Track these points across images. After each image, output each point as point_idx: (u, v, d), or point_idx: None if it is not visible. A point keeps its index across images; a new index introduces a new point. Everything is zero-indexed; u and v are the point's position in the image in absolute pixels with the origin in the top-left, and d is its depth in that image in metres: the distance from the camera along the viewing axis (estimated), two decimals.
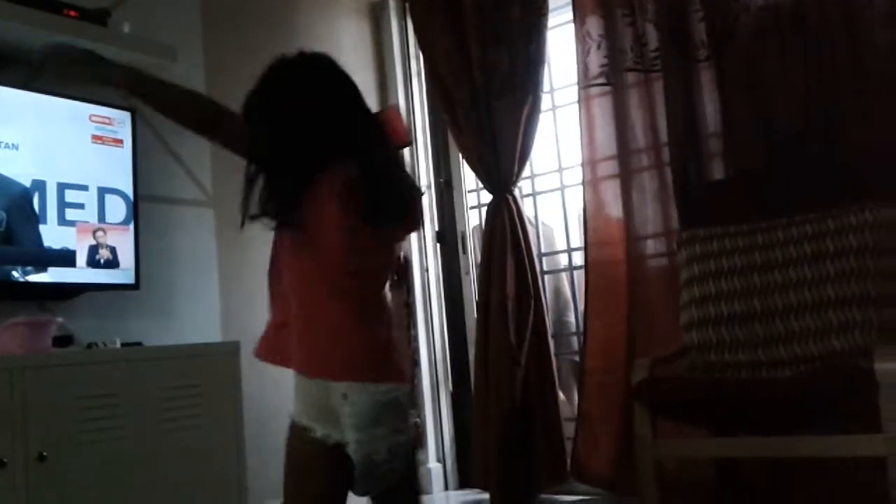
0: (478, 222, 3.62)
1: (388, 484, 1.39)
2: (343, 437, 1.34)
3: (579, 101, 3.10)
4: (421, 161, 3.71)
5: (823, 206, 2.40)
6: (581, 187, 3.12)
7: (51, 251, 2.31)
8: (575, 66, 3.12)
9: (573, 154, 3.28)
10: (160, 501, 2.14)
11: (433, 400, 3.56)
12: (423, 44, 3.51)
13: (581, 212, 3.18)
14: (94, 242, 2.41)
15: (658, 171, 2.94)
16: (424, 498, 3.35)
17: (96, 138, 2.47)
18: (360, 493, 1.40)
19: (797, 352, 2.29)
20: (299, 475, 1.37)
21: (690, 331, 2.47)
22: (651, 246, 2.93)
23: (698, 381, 2.37)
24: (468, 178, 3.64)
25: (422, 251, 3.65)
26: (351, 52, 3.64)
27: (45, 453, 1.92)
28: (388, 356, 1.39)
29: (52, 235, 2.32)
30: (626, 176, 2.96)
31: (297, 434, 1.37)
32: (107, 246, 2.44)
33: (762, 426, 2.25)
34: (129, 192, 2.52)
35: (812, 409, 2.10)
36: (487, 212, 3.30)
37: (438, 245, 3.69)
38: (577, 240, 3.42)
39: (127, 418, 2.11)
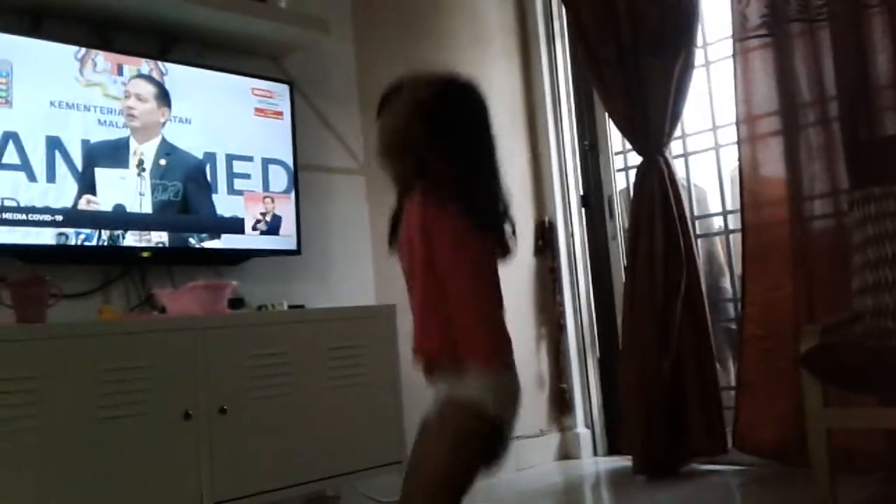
0: (624, 185, 3.54)
1: None
2: (506, 417, 1.37)
3: (734, 55, 2.95)
4: (565, 124, 3.66)
5: None
6: (736, 146, 2.99)
7: (223, 219, 2.46)
8: (730, 18, 2.97)
9: (726, 112, 3.14)
10: (326, 453, 2.25)
11: (580, 366, 3.54)
12: (566, 1, 3.43)
13: (736, 172, 3.05)
14: (260, 210, 2.54)
15: (824, 126, 2.76)
16: (575, 463, 3.38)
17: (259, 111, 2.59)
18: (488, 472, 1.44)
19: None
20: (464, 448, 1.36)
21: (864, 296, 2.32)
22: (817, 206, 2.76)
23: (875, 348, 2.23)
24: (614, 139, 3.56)
25: (566, 216, 3.61)
26: (492, 13, 3.62)
27: (225, 407, 2.06)
28: None
29: (223, 204, 2.46)
30: (790, 133, 2.80)
31: (471, 410, 1.35)
32: (272, 214, 2.56)
33: None
34: (290, 161, 2.63)
35: None
36: (636, 175, 3.21)
37: (583, 209, 3.64)
38: (732, 202, 3.28)
39: (295, 375, 2.22)
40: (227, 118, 2.51)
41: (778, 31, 2.83)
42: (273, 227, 2.57)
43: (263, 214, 2.55)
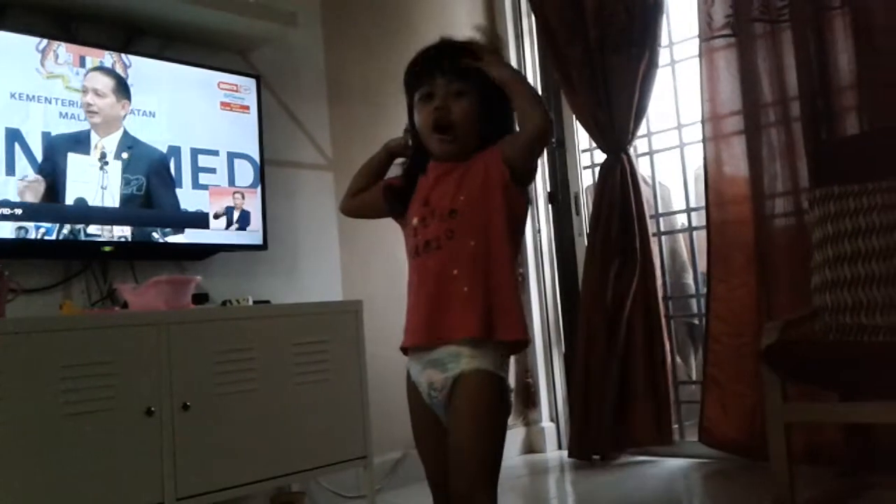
0: (591, 182, 3.57)
1: None
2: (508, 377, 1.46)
3: (700, 55, 2.99)
4: None
5: None
6: (701, 145, 3.02)
7: (187, 213, 2.43)
8: (696, 18, 3.00)
9: (691, 111, 3.17)
10: (291, 449, 2.24)
11: (546, 361, 3.56)
12: (534, 0, 3.45)
13: (700, 171, 3.09)
14: (225, 205, 2.52)
15: (786, 126, 2.81)
16: (540, 456, 3.41)
17: (225, 105, 2.56)
18: None
19: None
20: (502, 417, 1.44)
21: (823, 293, 2.37)
22: (779, 205, 2.81)
23: (834, 344, 2.28)
24: (581, 137, 3.59)
25: (534, 213, 3.63)
26: (461, 11, 3.63)
27: (188, 403, 2.04)
28: None
29: (188, 199, 2.44)
30: (752, 132, 2.84)
31: (498, 384, 1.41)
32: (237, 208, 2.54)
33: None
34: (256, 156, 2.61)
35: None
36: (600, 172, 3.25)
37: (550, 206, 3.66)
38: (695, 199, 3.33)
39: (260, 371, 2.21)
40: (193, 112, 2.48)
41: (741, 32, 2.87)
42: (240, 222, 2.55)
43: (230, 209, 2.53)
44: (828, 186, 2.47)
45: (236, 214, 2.54)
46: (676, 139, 3.33)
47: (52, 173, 2.17)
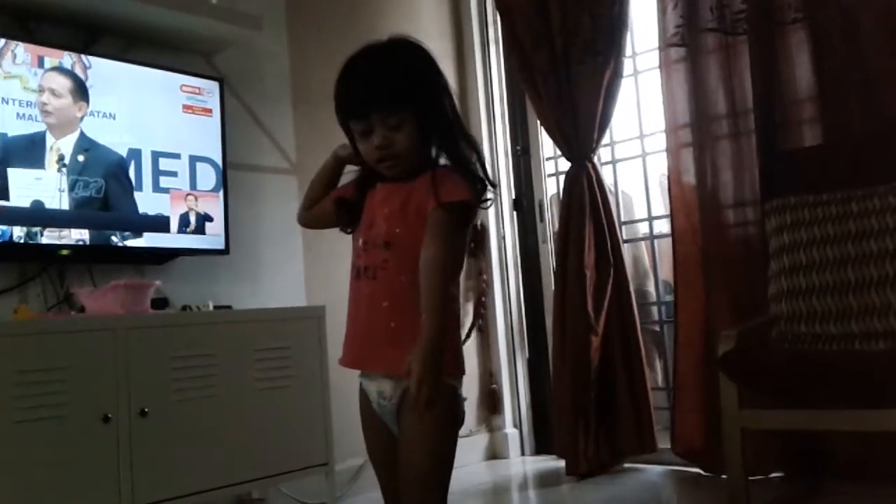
0: (555, 190, 3.60)
1: None
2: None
3: (660, 66, 3.03)
4: (498, 129, 3.70)
5: None
6: (664, 154, 3.06)
7: (146, 217, 2.40)
8: (656, 28, 3.04)
9: (655, 120, 3.21)
10: (252, 456, 2.22)
11: (510, 367, 3.58)
12: (501, 8, 3.48)
13: (663, 179, 3.12)
14: (186, 209, 2.49)
15: (739, 138, 2.85)
16: (502, 462, 3.42)
17: (187, 108, 2.54)
18: None
19: (893, 324, 2.22)
20: (452, 428, 1.44)
21: (779, 301, 2.41)
22: (740, 214, 2.85)
23: (789, 352, 2.32)
24: (546, 145, 3.61)
25: (498, 220, 3.65)
26: (428, 19, 3.64)
27: (146, 409, 2.01)
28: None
29: (148, 202, 2.41)
30: (701, 144, 2.88)
31: (449, 393, 1.40)
32: (198, 212, 2.52)
33: (851, 399, 2.19)
34: (219, 160, 2.59)
35: None
36: (565, 180, 3.27)
37: (515, 213, 3.68)
38: (657, 208, 3.37)
39: (221, 377, 2.19)
40: (154, 114, 2.46)
41: (691, 42, 2.89)
42: (201, 226, 2.53)
43: (191, 213, 2.50)
44: (783, 197, 2.52)
45: (197, 218, 2.51)
46: (639, 149, 3.37)
47: (7, 175, 2.12)
